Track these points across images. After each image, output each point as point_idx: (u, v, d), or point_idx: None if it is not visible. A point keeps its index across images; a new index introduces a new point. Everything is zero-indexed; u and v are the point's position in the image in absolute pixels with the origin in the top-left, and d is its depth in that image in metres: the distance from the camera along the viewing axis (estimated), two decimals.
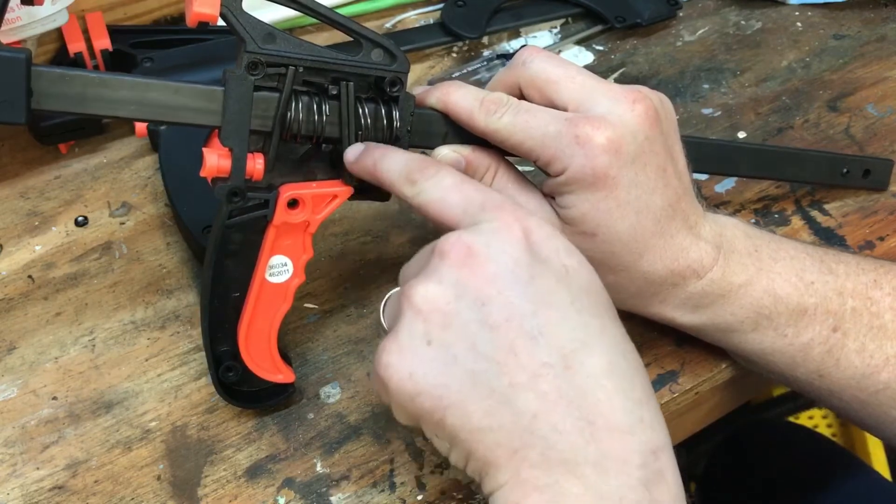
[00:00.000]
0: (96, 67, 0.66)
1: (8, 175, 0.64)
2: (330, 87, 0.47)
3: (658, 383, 0.55)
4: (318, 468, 0.51)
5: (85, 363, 0.55)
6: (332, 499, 0.50)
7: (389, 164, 0.46)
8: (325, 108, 0.47)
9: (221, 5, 0.43)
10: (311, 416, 0.53)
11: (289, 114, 0.46)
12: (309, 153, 0.48)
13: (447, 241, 0.41)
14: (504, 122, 0.48)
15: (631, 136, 0.46)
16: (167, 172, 0.61)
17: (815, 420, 1.24)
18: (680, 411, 0.56)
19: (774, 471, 0.84)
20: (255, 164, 0.46)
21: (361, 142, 0.48)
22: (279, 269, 0.49)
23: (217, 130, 0.46)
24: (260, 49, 0.45)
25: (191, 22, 0.43)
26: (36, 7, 0.59)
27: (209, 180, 0.47)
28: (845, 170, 0.63)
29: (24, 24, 0.60)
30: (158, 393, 0.54)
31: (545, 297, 0.40)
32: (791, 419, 1.21)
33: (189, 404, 0.53)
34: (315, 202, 0.48)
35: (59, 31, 0.65)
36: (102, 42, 0.66)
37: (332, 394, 0.54)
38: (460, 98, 0.49)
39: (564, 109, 0.48)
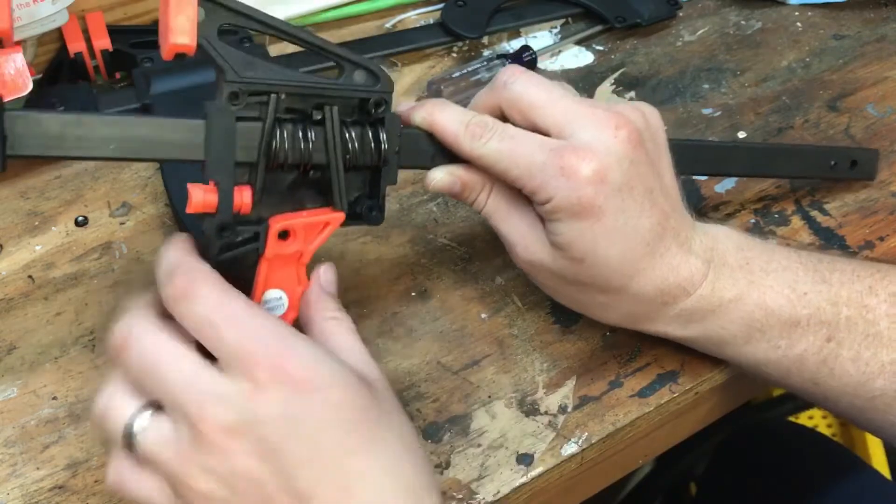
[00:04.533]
0: (96, 68, 0.66)
1: (8, 175, 0.64)
2: (313, 112, 0.46)
3: (658, 383, 0.55)
4: None
5: (85, 363, 0.55)
6: None
7: None
8: (311, 134, 0.45)
9: (198, 36, 0.42)
10: None
11: (274, 142, 0.45)
12: (297, 182, 0.47)
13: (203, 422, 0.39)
14: (489, 149, 0.48)
15: (616, 164, 0.46)
16: (167, 172, 0.61)
17: (815, 420, 1.24)
18: (680, 411, 0.56)
19: (774, 471, 0.84)
20: (243, 197, 0.44)
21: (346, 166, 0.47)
22: (274, 303, 0.47)
23: (202, 164, 0.44)
24: (240, 78, 0.43)
25: (167, 55, 0.42)
26: (36, 7, 0.59)
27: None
28: (833, 162, 0.63)
29: (24, 24, 0.60)
30: None
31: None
32: (791, 419, 1.21)
33: None
34: (307, 231, 0.46)
35: (59, 31, 0.65)
36: (102, 42, 0.66)
37: None
38: (446, 121, 0.49)
39: (547, 134, 0.48)
